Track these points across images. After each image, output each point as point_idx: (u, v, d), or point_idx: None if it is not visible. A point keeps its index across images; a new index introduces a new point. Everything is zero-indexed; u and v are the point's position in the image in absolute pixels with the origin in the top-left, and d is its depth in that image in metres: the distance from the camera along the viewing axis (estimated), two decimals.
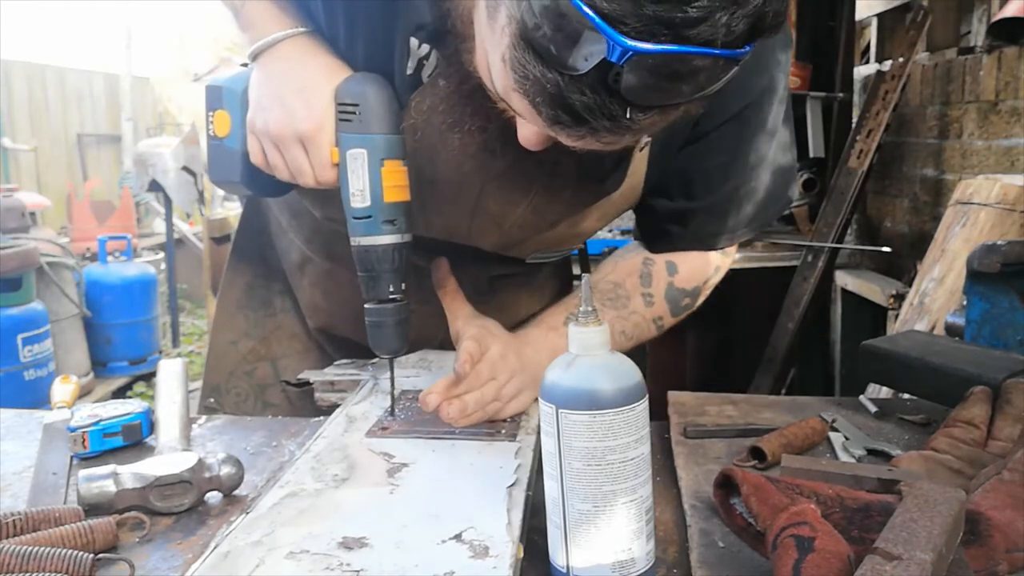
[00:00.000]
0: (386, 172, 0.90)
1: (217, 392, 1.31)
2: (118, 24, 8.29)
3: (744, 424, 1.01)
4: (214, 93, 0.97)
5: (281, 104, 0.91)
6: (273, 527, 0.71)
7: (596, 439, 0.64)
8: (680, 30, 0.60)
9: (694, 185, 1.04)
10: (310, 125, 0.90)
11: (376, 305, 0.93)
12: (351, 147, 0.90)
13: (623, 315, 1.05)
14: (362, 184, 0.90)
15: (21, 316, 3.73)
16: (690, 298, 1.10)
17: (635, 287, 1.07)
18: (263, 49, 0.94)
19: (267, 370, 1.30)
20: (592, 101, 0.65)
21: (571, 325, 0.68)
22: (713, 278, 1.12)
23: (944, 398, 1.01)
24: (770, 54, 0.98)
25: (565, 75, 0.64)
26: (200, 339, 5.89)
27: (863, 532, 0.64)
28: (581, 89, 0.64)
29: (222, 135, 0.97)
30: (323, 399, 1.13)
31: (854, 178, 2.80)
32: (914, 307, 2.22)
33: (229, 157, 0.97)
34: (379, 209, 0.90)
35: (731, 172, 1.03)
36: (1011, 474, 0.74)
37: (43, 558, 0.68)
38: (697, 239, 1.09)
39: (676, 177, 1.04)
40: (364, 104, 0.89)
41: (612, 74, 0.62)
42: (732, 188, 1.04)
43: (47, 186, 6.97)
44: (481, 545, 0.67)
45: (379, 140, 0.89)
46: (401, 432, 0.91)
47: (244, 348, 1.31)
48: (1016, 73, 2.37)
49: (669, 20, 0.60)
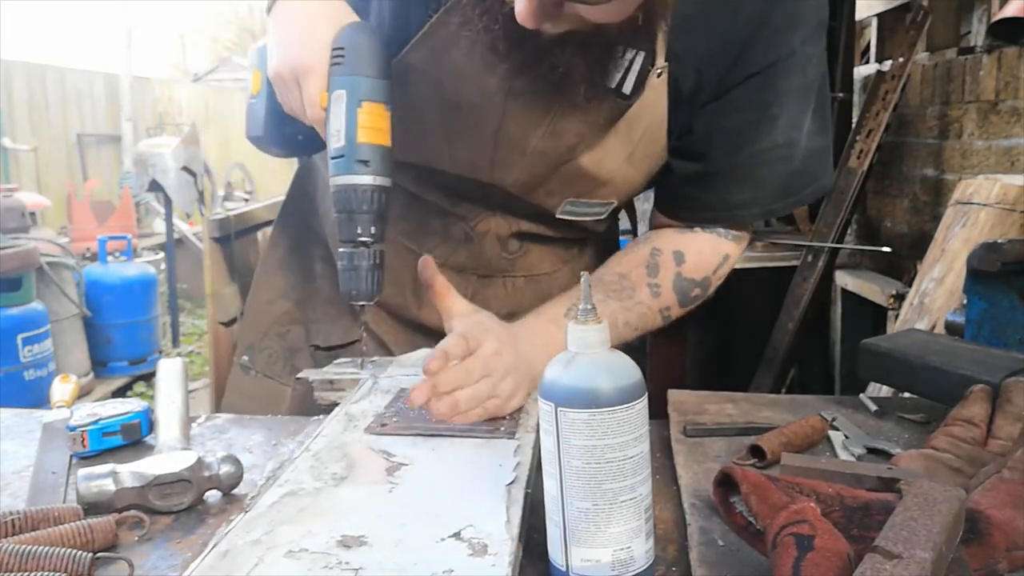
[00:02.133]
0: (363, 112, 0.93)
1: (251, 350, 1.32)
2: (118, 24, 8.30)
3: (744, 423, 1.01)
4: (256, 53, 1.03)
5: (283, 44, 0.96)
6: (272, 526, 0.71)
7: (595, 437, 0.64)
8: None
9: (716, 145, 1.02)
10: (303, 63, 0.94)
11: (349, 249, 0.95)
12: (335, 89, 0.94)
13: (627, 306, 1.04)
14: (340, 124, 0.93)
15: (21, 316, 3.73)
16: (699, 288, 1.09)
17: (641, 278, 1.06)
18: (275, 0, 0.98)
19: (299, 334, 1.31)
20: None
21: (570, 323, 0.68)
22: (723, 267, 1.11)
23: (944, 397, 1.01)
24: (800, 22, 0.97)
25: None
26: (200, 339, 5.89)
27: (863, 531, 0.64)
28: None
29: (254, 92, 1.03)
30: (322, 398, 1.13)
31: (854, 178, 2.80)
32: (914, 307, 2.22)
33: (256, 113, 1.03)
34: (353, 148, 0.93)
35: (757, 132, 1.00)
36: (1011, 473, 0.74)
37: (42, 557, 0.68)
38: (722, 207, 1.06)
39: (699, 135, 1.02)
40: (350, 47, 0.93)
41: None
42: (757, 151, 1.01)
43: (47, 186, 6.98)
44: (480, 543, 0.67)
45: (360, 81, 0.93)
46: (400, 429, 0.91)
47: (279, 309, 1.32)
48: (1016, 73, 2.37)
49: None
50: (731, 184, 1.04)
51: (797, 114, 1.00)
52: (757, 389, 2.87)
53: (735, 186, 1.04)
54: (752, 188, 1.04)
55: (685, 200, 1.08)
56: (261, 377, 1.31)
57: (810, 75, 1.00)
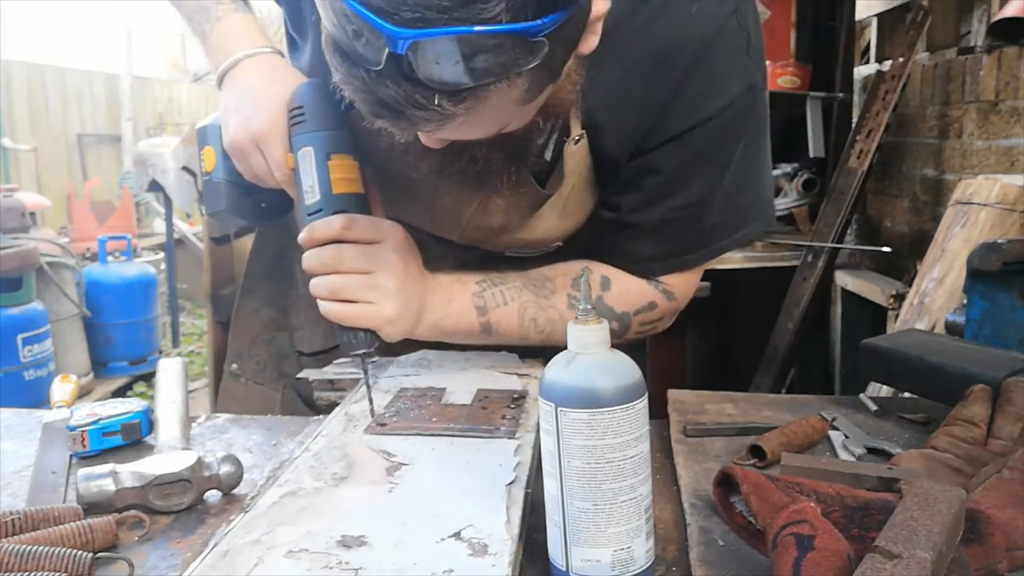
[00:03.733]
0: (333, 165, 0.94)
1: (240, 358, 1.33)
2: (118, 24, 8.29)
3: (744, 422, 1.01)
4: (202, 133, 1.04)
5: (239, 113, 0.96)
6: (272, 526, 0.71)
7: (595, 437, 0.64)
8: (452, 12, 0.63)
9: (629, 200, 1.03)
10: (263, 127, 0.95)
11: None
12: (300, 147, 0.94)
13: (541, 304, 1.05)
14: (312, 180, 0.94)
15: (21, 316, 3.73)
16: (617, 323, 1.06)
17: (564, 286, 1.06)
18: (227, 70, 0.99)
19: (285, 340, 1.32)
20: (398, 93, 0.68)
21: (570, 323, 0.68)
22: (647, 313, 1.08)
23: (944, 396, 1.01)
24: (721, 88, 0.97)
25: (370, 71, 0.67)
26: (200, 339, 5.89)
27: (863, 530, 0.64)
28: (385, 83, 0.68)
29: (210, 169, 1.03)
30: (322, 398, 1.13)
31: (854, 178, 2.80)
32: (914, 307, 2.22)
33: (215, 189, 1.03)
34: (329, 201, 0.94)
35: (669, 191, 1.01)
36: (1011, 472, 0.74)
37: (42, 557, 0.68)
38: (632, 258, 1.07)
39: (614, 189, 1.04)
40: (308, 104, 0.95)
41: (406, 64, 0.65)
42: (667, 209, 1.02)
43: (47, 186, 6.97)
44: (480, 543, 0.67)
45: (324, 136, 0.94)
46: (400, 430, 0.91)
47: (265, 317, 1.33)
48: (1016, 73, 2.36)
49: (438, 4, 0.62)
50: (640, 237, 1.05)
51: (713, 175, 1.01)
52: (757, 389, 2.87)
53: (644, 239, 1.05)
54: (659, 243, 1.05)
55: (603, 245, 1.09)
56: (251, 384, 1.32)
57: (730, 138, 1.00)
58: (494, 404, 0.98)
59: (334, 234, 0.93)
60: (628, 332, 1.09)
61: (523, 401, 0.99)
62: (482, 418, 0.93)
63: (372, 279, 0.94)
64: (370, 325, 0.95)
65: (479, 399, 1.00)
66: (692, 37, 0.94)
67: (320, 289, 0.94)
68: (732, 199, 1.03)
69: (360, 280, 0.93)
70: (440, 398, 1.00)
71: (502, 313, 1.04)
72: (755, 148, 1.04)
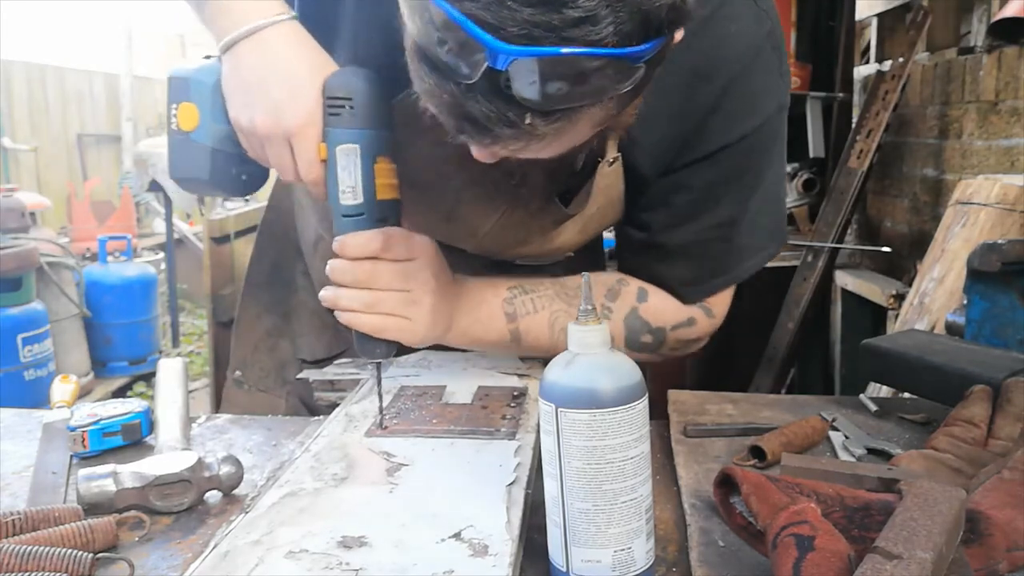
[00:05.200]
0: (379, 169, 0.88)
1: (244, 365, 1.32)
2: (118, 24, 8.28)
3: (744, 423, 1.01)
4: (180, 84, 0.91)
5: (266, 99, 0.87)
6: (272, 526, 0.71)
7: (596, 438, 0.64)
8: (561, 32, 0.60)
9: (659, 220, 1.01)
10: (298, 121, 0.86)
11: None
12: (342, 142, 0.86)
13: (573, 314, 1.02)
14: (354, 181, 0.87)
15: (21, 316, 3.73)
16: (651, 336, 1.04)
17: (598, 295, 1.03)
18: (242, 37, 0.88)
19: (287, 347, 1.31)
20: (489, 109, 0.65)
21: (570, 324, 0.68)
22: (685, 330, 1.06)
23: (944, 397, 1.01)
24: (754, 108, 0.96)
25: (460, 85, 0.65)
26: (200, 339, 5.89)
27: (863, 531, 0.64)
28: (476, 98, 0.65)
29: (188, 129, 0.91)
30: (322, 398, 1.13)
31: (854, 178, 2.80)
32: (914, 307, 2.22)
33: (195, 153, 0.91)
34: (371, 207, 0.88)
35: (698, 211, 0.99)
36: (1011, 473, 0.74)
37: (43, 557, 0.68)
38: (662, 281, 1.04)
39: (644, 208, 1.02)
40: (357, 98, 0.86)
41: (503, 80, 0.63)
42: (697, 229, 1.00)
43: (47, 186, 6.97)
44: (481, 544, 0.67)
45: (373, 135, 0.87)
46: (400, 431, 0.91)
47: (268, 323, 1.32)
48: (1016, 73, 2.36)
49: (546, 23, 0.60)
50: (671, 258, 1.03)
51: (743, 194, 1.00)
52: (757, 389, 2.87)
53: (675, 261, 1.03)
54: (690, 265, 1.03)
55: (633, 264, 1.07)
56: (254, 391, 1.31)
57: (760, 157, 0.99)
58: (494, 402, 0.98)
59: (371, 253, 0.89)
60: (663, 347, 1.06)
61: (523, 399, 0.99)
62: (482, 419, 0.93)
63: (408, 296, 0.91)
64: (401, 339, 0.92)
65: (479, 397, 1.00)
66: (730, 56, 0.93)
67: (352, 302, 0.90)
68: (758, 219, 1.02)
69: (396, 296, 0.90)
70: (440, 397, 1.00)
71: (532, 321, 1.02)
72: (779, 168, 1.03)
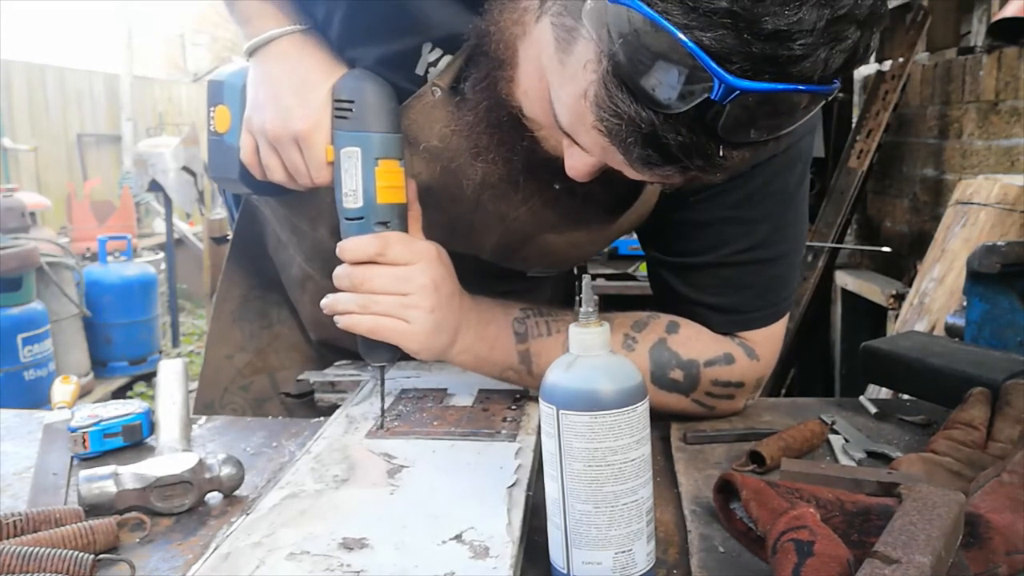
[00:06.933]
0: (380, 172, 0.88)
1: (210, 409, 1.27)
2: (118, 24, 8.29)
3: (744, 428, 1.01)
4: (216, 88, 0.97)
5: (277, 103, 0.90)
6: (273, 528, 0.71)
7: (597, 440, 0.64)
8: (784, 67, 0.59)
9: (690, 239, 0.98)
10: (306, 124, 0.88)
11: None
12: (345, 145, 0.88)
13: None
14: (355, 184, 0.88)
15: (21, 316, 3.73)
16: (681, 370, 0.97)
17: (622, 324, 0.98)
18: (259, 46, 0.92)
19: (264, 383, 1.28)
20: (688, 140, 0.63)
21: (571, 326, 0.68)
22: (720, 367, 0.98)
23: (944, 399, 1.01)
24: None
25: (660, 114, 0.62)
26: (200, 339, 5.89)
27: (863, 536, 0.64)
28: (677, 128, 0.63)
29: (222, 131, 0.96)
30: (323, 400, 1.13)
31: (854, 178, 2.80)
32: (914, 307, 2.23)
33: (228, 153, 0.96)
34: (372, 210, 0.88)
35: (727, 233, 0.96)
36: (1011, 476, 0.74)
37: (43, 559, 0.68)
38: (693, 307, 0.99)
39: (675, 228, 0.98)
40: (360, 100, 0.87)
41: (711, 113, 0.61)
42: (732, 252, 0.96)
43: (47, 186, 6.97)
44: (481, 545, 0.67)
45: (374, 138, 0.87)
46: (401, 433, 0.91)
47: (240, 362, 1.28)
48: (1016, 73, 2.37)
49: (775, 58, 0.59)
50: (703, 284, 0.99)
51: (775, 215, 0.97)
52: None
53: (703, 284, 0.99)
54: (720, 288, 0.99)
55: (664, 298, 1.03)
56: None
57: (789, 176, 0.96)
58: (495, 404, 0.98)
59: (368, 256, 0.89)
60: (697, 387, 0.98)
61: (524, 401, 0.99)
62: (483, 421, 0.93)
63: (404, 300, 0.89)
64: (398, 342, 0.90)
65: (480, 399, 1.00)
66: None
67: (348, 304, 0.89)
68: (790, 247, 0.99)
69: (391, 299, 0.89)
70: (441, 399, 1.01)
71: (544, 344, 0.96)
72: (804, 190, 1.00)
